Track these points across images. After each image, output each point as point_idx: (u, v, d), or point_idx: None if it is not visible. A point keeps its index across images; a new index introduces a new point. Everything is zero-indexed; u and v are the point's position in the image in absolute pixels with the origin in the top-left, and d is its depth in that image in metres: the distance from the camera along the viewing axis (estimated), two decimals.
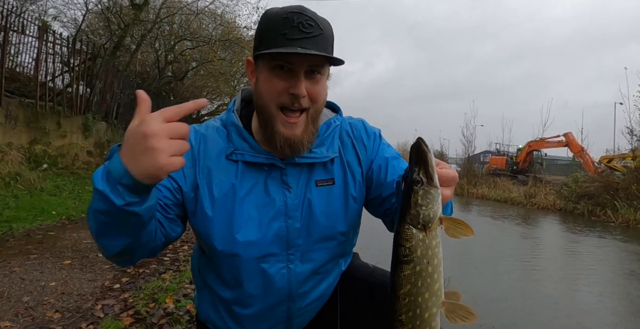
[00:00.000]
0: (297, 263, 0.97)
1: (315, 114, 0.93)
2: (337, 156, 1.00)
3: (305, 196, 0.96)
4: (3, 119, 6.41)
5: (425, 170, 0.69)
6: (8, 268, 2.79)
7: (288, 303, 0.98)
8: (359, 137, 1.05)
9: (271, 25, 0.87)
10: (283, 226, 0.94)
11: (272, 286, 0.96)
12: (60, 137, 7.83)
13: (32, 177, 5.80)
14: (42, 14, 11.09)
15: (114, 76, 10.17)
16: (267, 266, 0.95)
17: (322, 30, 0.87)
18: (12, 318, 2.05)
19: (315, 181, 0.97)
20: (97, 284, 2.68)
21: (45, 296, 2.38)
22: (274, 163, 0.93)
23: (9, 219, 4.10)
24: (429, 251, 0.69)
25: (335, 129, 1.02)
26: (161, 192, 0.89)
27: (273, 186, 0.94)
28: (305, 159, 0.95)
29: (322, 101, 0.93)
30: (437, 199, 0.70)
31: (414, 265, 0.69)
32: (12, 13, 7.37)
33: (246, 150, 0.94)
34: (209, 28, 13.83)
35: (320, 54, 0.84)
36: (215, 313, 1.04)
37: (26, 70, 8.53)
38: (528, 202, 16.79)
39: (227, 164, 0.94)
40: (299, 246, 0.96)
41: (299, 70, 0.86)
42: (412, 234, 0.69)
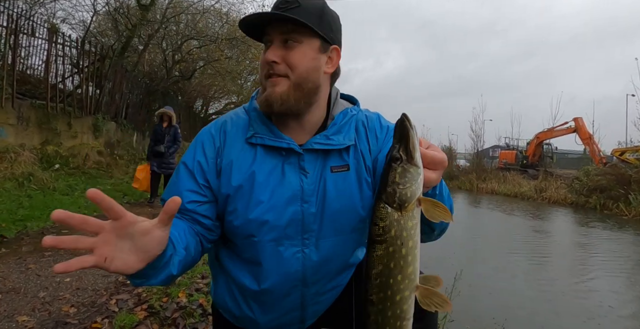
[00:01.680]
0: (312, 248, 0.98)
1: (300, 81, 0.92)
2: (353, 144, 1.01)
3: (320, 181, 0.98)
4: (15, 120, 6.51)
5: (406, 147, 0.66)
6: (24, 265, 2.84)
7: (302, 289, 0.99)
8: (373, 128, 1.06)
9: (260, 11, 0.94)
10: (299, 210, 0.96)
11: (287, 269, 0.97)
12: (71, 137, 7.93)
13: (45, 177, 5.90)
14: (50, 16, 11.22)
15: (122, 77, 10.27)
16: (283, 249, 0.97)
17: (299, 3, 0.90)
18: (29, 312, 2.09)
19: (330, 167, 0.99)
20: (110, 279, 2.73)
21: (60, 292, 2.42)
22: (293, 148, 0.95)
23: (23, 218, 4.18)
24: (404, 232, 0.66)
25: (352, 118, 1.03)
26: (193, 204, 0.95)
27: (290, 171, 0.96)
28: (322, 145, 0.97)
29: (304, 67, 0.92)
30: (417, 179, 0.66)
31: (387, 246, 0.67)
32: (22, 16, 7.47)
33: (266, 134, 0.96)
34: (215, 27, 13.87)
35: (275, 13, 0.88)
36: (231, 298, 1.05)
37: (37, 73, 8.65)
38: (539, 196, 16.61)
39: (246, 147, 0.97)
40: (313, 230, 0.97)
41: (272, 40, 0.92)
42: (387, 213, 0.66)
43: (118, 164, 8.89)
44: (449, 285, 2.84)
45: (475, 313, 3.19)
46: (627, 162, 15.79)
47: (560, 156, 27.30)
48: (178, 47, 13.26)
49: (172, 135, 6.46)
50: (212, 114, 23.56)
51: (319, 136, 0.97)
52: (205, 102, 22.12)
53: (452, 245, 6.46)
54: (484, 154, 28.98)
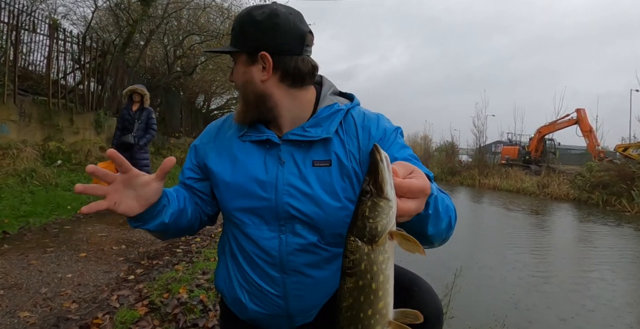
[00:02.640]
0: (288, 235, 1.02)
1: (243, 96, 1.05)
2: (329, 137, 1.01)
3: (300, 174, 1.01)
4: (17, 117, 6.52)
5: (375, 181, 0.65)
6: (26, 261, 2.86)
7: (282, 275, 1.02)
8: (367, 127, 1.05)
9: None
10: (273, 198, 1.00)
11: (267, 253, 1.03)
12: (73, 133, 7.95)
13: (47, 173, 5.92)
14: (52, 12, 11.21)
15: (124, 72, 10.26)
16: (260, 233, 1.03)
17: (236, 24, 1.02)
18: (31, 308, 2.11)
19: (313, 161, 1.01)
20: (112, 275, 2.74)
21: (62, 288, 2.44)
22: (270, 138, 1.02)
23: (25, 214, 4.20)
24: (374, 266, 0.65)
25: (337, 113, 1.04)
26: (190, 180, 1.12)
27: (270, 161, 1.03)
28: (297, 136, 1.01)
29: (240, 84, 1.04)
30: (388, 212, 0.65)
31: (356, 279, 0.66)
32: (23, 12, 7.46)
33: (252, 131, 1.05)
34: (216, 22, 13.82)
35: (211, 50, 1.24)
36: (227, 279, 1.11)
37: (38, 69, 8.66)
38: (541, 192, 16.61)
39: (238, 143, 1.07)
40: (288, 219, 1.01)
41: None
42: (358, 246, 0.65)
43: None
44: (449, 281, 2.85)
45: (475, 309, 3.20)
46: (630, 158, 15.73)
47: (563, 151, 27.20)
48: (179, 42, 13.22)
49: (143, 121, 5.11)
50: (214, 109, 23.54)
51: (297, 128, 1.02)
52: (207, 97, 22.09)
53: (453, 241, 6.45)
54: (486, 150, 28.90)
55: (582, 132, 20.07)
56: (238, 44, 1.01)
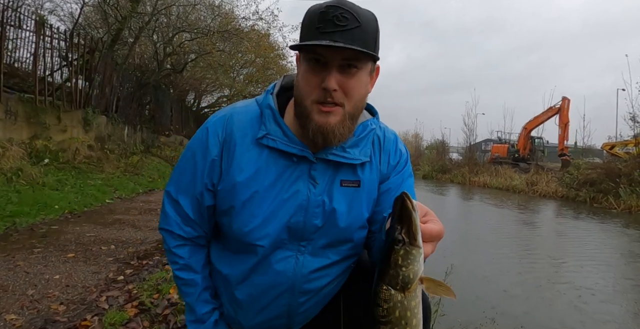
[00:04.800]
0: (306, 256, 0.96)
1: (353, 110, 0.89)
2: (368, 161, 0.98)
3: (328, 194, 0.95)
4: (3, 114, 6.39)
5: (408, 230, 0.66)
6: (12, 262, 2.81)
7: (290, 296, 0.97)
8: (387, 150, 1.04)
9: (309, 19, 0.86)
10: (301, 221, 0.93)
11: (277, 273, 0.95)
12: (61, 131, 7.81)
13: (34, 172, 5.81)
14: (38, 8, 10.99)
15: (112, 70, 10.11)
16: (276, 253, 0.95)
17: (360, 23, 0.83)
18: (17, 310, 2.07)
19: (340, 181, 0.96)
20: (101, 276, 2.71)
21: (49, 289, 2.40)
22: (307, 156, 0.92)
23: (12, 214, 4.12)
24: (408, 312, 0.67)
25: (370, 133, 1.00)
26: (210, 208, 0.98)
27: (299, 179, 0.93)
28: (337, 157, 0.93)
29: (359, 96, 0.89)
30: (419, 259, 0.67)
31: (391, 326, 0.67)
32: (9, 8, 7.30)
33: (279, 137, 0.92)
34: (207, 19, 13.70)
35: (348, 47, 0.80)
36: (221, 295, 1.04)
37: (24, 66, 8.48)
38: (530, 190, 16.81)
39: (254, 148, 0.93)
40: (311, 240, 0.96)
41: (331, 64, 0.84)
42: (391, 295, 0.67)
43: (109, 158, 8.79)
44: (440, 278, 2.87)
45: (466, 306, 3.23)
46: (616, 156, 16.01)
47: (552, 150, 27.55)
48: (169, 39, 13.08)
49: None
50: (205, 107, 23.37)
51: (336, 147, 0.93)
52: (198, 95, 21.91)
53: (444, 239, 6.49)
54: (476, 148, 29.17)
55: (560, 122, 20.57)
56: (376, 50, 0.87)
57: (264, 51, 15.47)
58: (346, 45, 0.80)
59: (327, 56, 0.84)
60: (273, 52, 16.87)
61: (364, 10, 0.87)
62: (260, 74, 18.43)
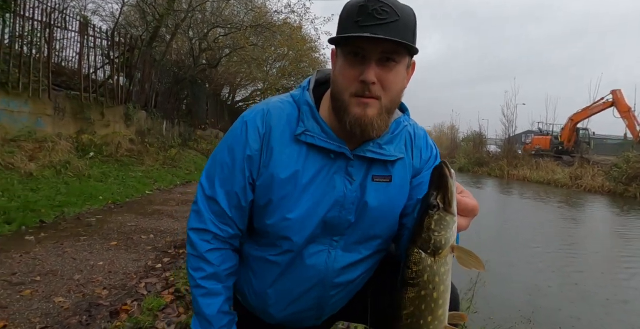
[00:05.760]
0: (338, 251, 0.97)
1: (390, 104, 0.90)
2: (402, 157, 0.98)
3: (362, 190, 0.95)
4: (52, 111, 6.80)
5: (444, 195, 0.67)
6: (61, 249, 3.01)
7: (321, 289, 0.99)
8: (418, 146, 1.04)
9: (347, 13, 0.86)
10: (336, 216, 0.95)
11: (309, 267, 0.97)
12: (104, 126, 8.23)
13: (80, 165, 6.17)
14: (82, 9, 11.55)
15: (151, 66, 10.49)
16: (309, 247, 0.97)
17: (399, 16, 0.83)
18: (65, 294, 2.22)
19: (372, 176, 0.96)
20: (140, 263, 2.85)
21: (94, 275, 2.55)
22: (344, 153, 0.92)
23: (60, 203, 4.40)
24: (436, 277, 0.69)
25: (404, 130, 1.00)
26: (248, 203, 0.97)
27: (336, 175, 0.94)
28: (374, 154, 0.94)
29: (397, 90, 0.90)
30: (452, 226, 0.68)
31: (419, 289, 0.69)
32: (55, 10, 7.72)
33: (317, 133, 0.93)
34: (240, 14, 13.89)
35: (389, 39, 0.80)
36: (249, 289, 1.06)
37: (70, 64, 8.97)
38: (573, 184, 16.01)
39: (292, 144, 0.94)
40: (344, 235, 0.97)
41: (370, 57, 0.84)
42: (421, 258, 0.69)
43: (149, 151, 9.17)
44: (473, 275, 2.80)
45: (500, 304, 3.14)
46: None
47: (598, 141, 26.02)
48: (204, 35, 13.37)
49: None
50: (239, 101, 23.80)
51: (372, 143, 0.93)
52: (232, 89, 22.33)
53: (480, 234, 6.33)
54: (515, 140, 28.00)
55: (620, 113, 19.09)
56: (414, 43, 0.87)
57: (296, 44, 15.50)
58: (387, 37, 0.80)
59: (367, 49, 0.84)
60: (305, 45, 16.85)
61: (402, 4, 0.86)
62: (293, 67, 18.52)
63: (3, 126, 5.73)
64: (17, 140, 5.79)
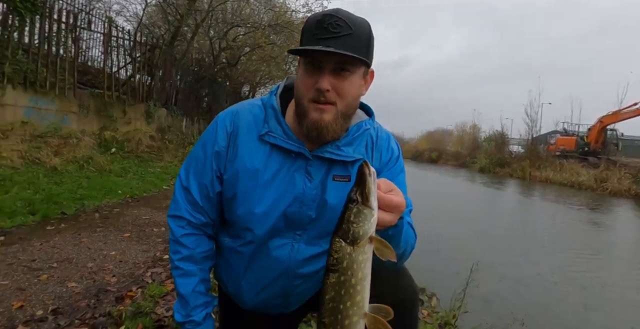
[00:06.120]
0: (301, 244, 1.06)
1: (345, 109, 0.98)
2: (361, 158, 1.04)
3: (322, 188, 1.03)
4: (77, 109, 7.15)
5: (362, 191, 0.73)
6: (78, 239, 3.21)
7: (286, 279, 1.08)
8: (379, 149, 1.11)
9: (307, 27, 0.95)
10: (297, 211, 1.03)
11: (273, 260, 1.06)
12: (126, 123, 8.55)
13: (102, 160, 6.47)
14: (107, 10, 11.98)
15: (172, 65, 10.81)
16: (274, 241, 1.06)
17: (353, 30, 0.91)
18: (78, 280, 2.40)
19: (333, 176, 1.04)
20: (149, 254, 3.02)
21: (106, 263, 2.73)
22: (303, 153, 1.01)
23: (82, 197, 4.65)
24: (355, 264, 0.74)
25: (365, 133, 1.07)
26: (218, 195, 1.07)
27: (296, 173, 1.02)
28: (332, 155, 1.02)
29: (351, 96, 0.97)
30: (370, 219, 0.73)
31: (339, 275, 0.75)
32: (82, 11, 8.08)
33: (279, 134, 1.01)
34: (260, 13, 14.10)
35: (339, 52, 0.88)
36: (226, 276, 1.17)
37: (96, 64, 9.35)
38: (598, 187, 15.48)
39: (257, 143, 1.03)
40: (306, 230, 1.05)
41: (325, 67, 0.93)
42: (341, 246, 0.74)
43: (168, 148, 9.47)
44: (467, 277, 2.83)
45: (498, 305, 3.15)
46: None
47: (628, 142, 25.03)
48: (224, 34, 13.64)
49: None
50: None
51: (331, 145, 1.01)
52: (252, 87, 22.64)
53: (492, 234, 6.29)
54: (540, 140, 27.28)
55: None
56: (369, 57, 0.96)
57: None
58: (337, 51, 0.88)
59: (322, 60, 0.93)
60: None
61: (357, 19, 0.94)
62: None
63: (32, 122, 6.07)
64: (44, 136, 6.11)
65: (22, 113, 6.00)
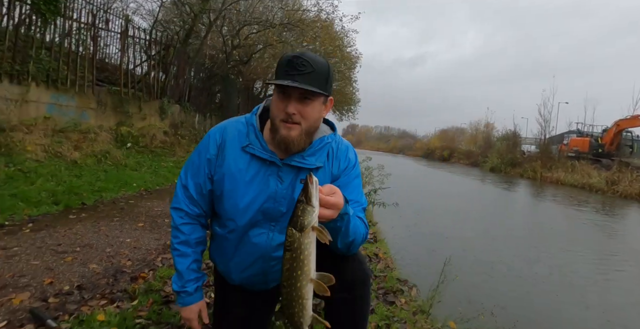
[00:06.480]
0: (275, 233, 1.34)
1: (308, 128, 1.24)
2: (322, 167, 1.33)
3: (292, 189, 1.31)
4: (95, 105, 7.52)
5: (306, 194, 1.00)
6: (97, 227, 3.54)
7: (263, 261, 1.36)
8: (338, 158, 1.38)
9: (281, 64, 1.23)
10: (271, 207, 1.31)
11: (253, 245, 1.34)
12: (141, 119, 8.92)
13: (118, 155, 6.83)
14: (124, 8, 12.35)
15: (185, 63, 11.15)
16: (253, 231, 1.34)
17: (314, 69, 1.19)
18: (97, 262, 2.71)
19: (300, 179, 1.31)
20: (160, 242, 3.32)
21: (122, 249, 3.04)
22: (275, 161, 1.28)
23: (100, 189, 5.00)
24: (302, 245, 1.02)
25: (326, 146, 1.35)
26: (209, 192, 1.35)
27: (270, 177, 1.30)
28: (298, 163, 1.29)
29: (313, 118, 1.24)
30: (312, 214, 1.00)
31: (291, 253, 1.03)
32: (100, 9, 8.44)
33: (257, 147, 1.28)
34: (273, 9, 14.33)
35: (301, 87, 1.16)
36: (217, 256, 1.46)
37: (112, 60, 9.73)
38: (609, 189, 15.35)
39: (240, 153, 1.30)
40: (279, 222, 1.33)
41: (291, 95, 1.20)
42: (293, 233, 1.02)
43: (180, 143, 9.84)
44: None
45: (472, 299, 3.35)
46: None
47: None
48: (236, 32, 13.92)
49: None
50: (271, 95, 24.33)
51: (298, 155, 1.29)
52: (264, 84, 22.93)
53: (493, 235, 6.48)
54: (555, 140, 27.01)
55: None
56: (327, 89, 1.23)
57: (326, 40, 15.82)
58: (300, 86, 1.17)
59: (290, 91, 1.20)
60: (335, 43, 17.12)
61: (319, 59, 1.22)
62: None
63: (53, 118, 6.45)
64: (65, 131, 6.50)
65: (44, 109, 6.39)
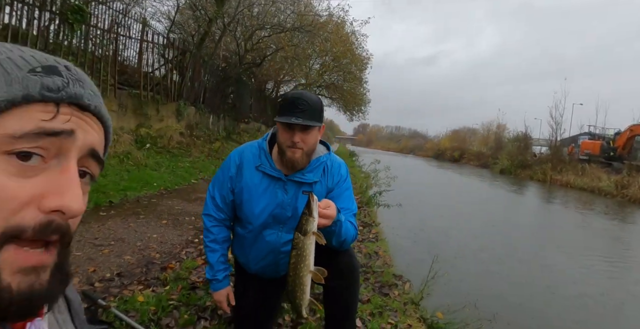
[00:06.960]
0: (283, 233, 1.70)
1: (308, 150, 1.60)
2: (318, 181, 1.69)
3: (295, 198, 1.67)
4: (117, 107, 7.94)
5: (309, 209, 1.34)
6: (126, 223, 3.92)
7: (274, 254, 1.72)
8: (331, 174, 1.74)
9: (283, 103, 1.61)
10: (279, 212, 1.68)
11: (266, 242, 1.71)
12: (159, 121, 9.34)
13: (139, 156, 7.24)
14: (142, 13, 12.83)
15: (200, 66, 11.55)
16: (266, 231, 1.71)
17: (311, 106, 1.53)
18: (131, 254, 3.08)
19: (302, 191, 1.68)
20: (183, 238, 3.68)
21: (150, 243, 3.41)
22: (280, 178, 1.65)
23: (124, 188, 5.38)
24: (305, 246, 1.35)
25: (321, 164, 1.71)
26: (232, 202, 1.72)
27: (278, 190, 1.67)
28: (300, 178, 1.66)
29: (312, 143, 1.59)
30: (313, 223, 1.34)
31: (297, 250, 1.37)
32: (120, 13, 8.86)
33: (267, 166, 1.65)
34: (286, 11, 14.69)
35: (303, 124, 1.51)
36: (238, 250, 1.82)
37: (131, 64, 10.17)
38: (618, 193, 15.33)
39: (255, 171, 1.67)
40: (286, 224, 1.69)
41: (295, 128, 1.55)
42: (298, 236, 1.36)
43: (196, 144, 10.25)
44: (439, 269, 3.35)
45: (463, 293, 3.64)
46: None
47: None
48: (249, 36, 14.31)
49: None
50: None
51: (299, 172, 1.66)
52: (276, 84, 23.36)
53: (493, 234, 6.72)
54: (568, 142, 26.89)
55: None
56: (320, 120, 1.59)
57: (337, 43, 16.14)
58: (303, 123, 1.52)
59: (293, 125, 1.55)
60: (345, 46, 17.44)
61: (313, 98, 1.59)
62: (335, 64, 19.23)
63: None
64: None
65: None
